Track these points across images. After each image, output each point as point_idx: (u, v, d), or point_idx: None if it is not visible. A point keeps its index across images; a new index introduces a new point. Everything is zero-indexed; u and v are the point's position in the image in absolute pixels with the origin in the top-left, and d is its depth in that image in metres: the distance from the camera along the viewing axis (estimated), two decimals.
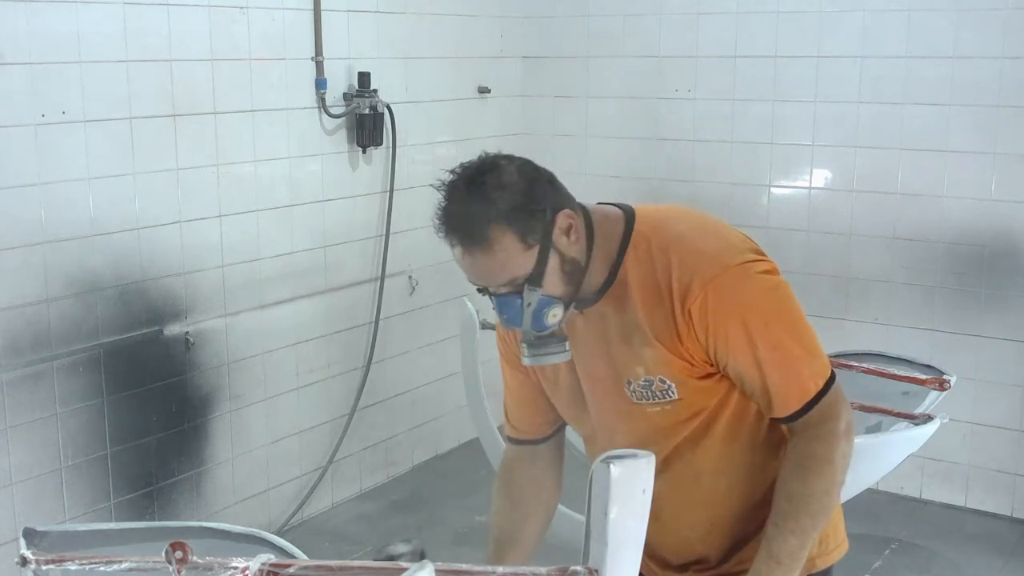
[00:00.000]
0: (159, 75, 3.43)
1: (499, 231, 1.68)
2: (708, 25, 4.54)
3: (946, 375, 3.08)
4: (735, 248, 1.78)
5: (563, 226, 1.73)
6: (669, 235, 1.78)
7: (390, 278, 4.34)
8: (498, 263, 1.70)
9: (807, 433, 1.77)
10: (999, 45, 3.97)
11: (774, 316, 1.77)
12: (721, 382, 1.80)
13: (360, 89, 4.07)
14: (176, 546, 1.48)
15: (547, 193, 1.73)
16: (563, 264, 1.73)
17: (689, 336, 1.74)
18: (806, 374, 1.77)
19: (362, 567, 1.55)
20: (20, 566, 1.69)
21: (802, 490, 1.74)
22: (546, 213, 1.71)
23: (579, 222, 1.77)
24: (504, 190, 1.69)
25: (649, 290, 1.76)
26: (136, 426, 3.48)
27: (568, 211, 1.74)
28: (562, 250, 1.73)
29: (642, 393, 1.82)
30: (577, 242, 1.75)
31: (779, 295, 1.79)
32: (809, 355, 1.78)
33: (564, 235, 1.73)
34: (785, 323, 1.78)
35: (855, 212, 4.33)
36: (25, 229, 3.12)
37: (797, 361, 1.77)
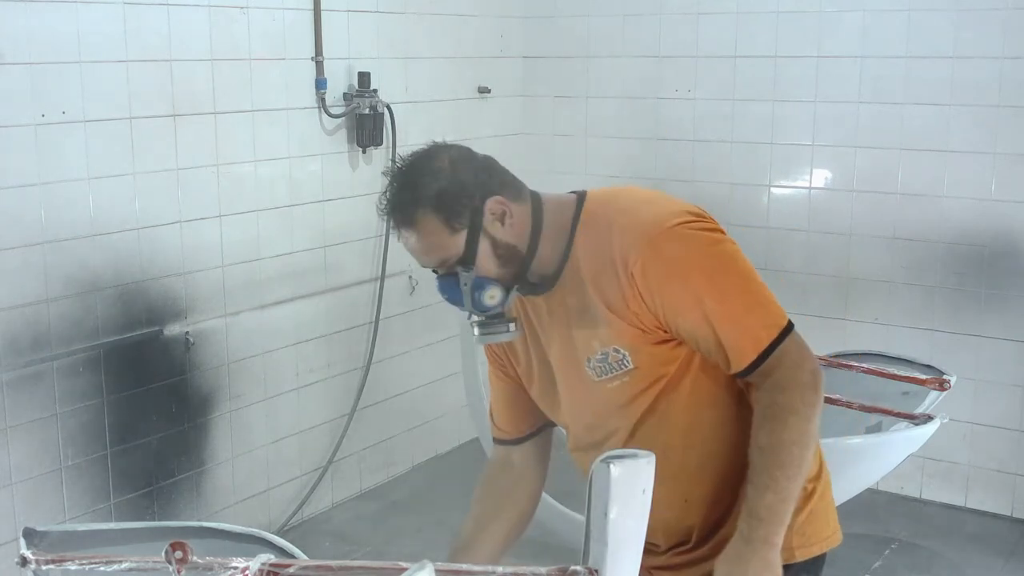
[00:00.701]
0: (159, 75, 3.43)
1: (423, 215, 1.79)
2: (708, 25, 4.54)
3: (946, 375, 3.08)
4: (674, 211, 1.80)
5: (494, 211, 1.81)
6: (613, 208, 1.84)
7: (390, 278, 4.34)
8: (427, 245, 1.82)
9: (767, 383, 1.76)
10: (999, 45, 3.97)
11: (717, 270, 1.79)
12: (677, 348, 1.81)
13: (360, 89, 4.07)
14: (176, 546, 1.49)
15: (477, 180, 1.81)
16: (495, 248, 1.82)
17: (635, 299, 1.77)
18: (758, 324, 1.77)
19: (362, 567, 1.55)
20: (20, 566, 1.69)
21: (769, 442, 1.74)
22: (474, 198, 1.79)
23: (517, 208, 1.83)
24: (432, 176, 1.80)
25: (598, 263, 1.81)
26: (136, 426, 3.48)
27: (499, 198, 1.81)
28: (494, 235, 1.81)
29: (600, 368, 1.85)
30: (514, 228, 1.83)
31: (720, 249, 1.81)
32: (759, 304, 1.80)
33: (497, 220, 1.81)
34: (730, 275, 1.80)
35: (855, 212, 4.33)
36: (25, 229, 3.12)
37: (747, 311, 1.78)
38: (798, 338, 1.80)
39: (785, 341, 1.77)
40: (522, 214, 1.85)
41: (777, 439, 1.74)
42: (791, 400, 1.75)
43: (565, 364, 1.91)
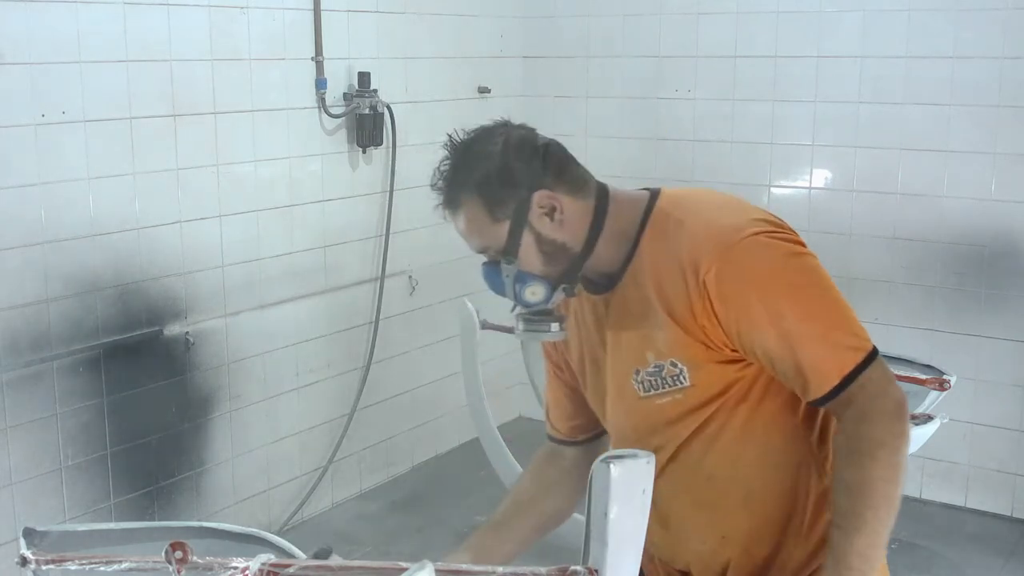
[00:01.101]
0: (159, 75, 3.43)
1: (468, 198, 1.70)
2: (708, 25, 4.54)
3: (946, 375, 3.08)
4: (753, 218, 1.66)
5: (542, 205, 1.68)
6: (686, 209, 1.70)
7: (390, 278, 4.34)
8: (468, 229, 1.72)
9: (853, 414, 1.60)
10: (999, 45, 3.97)
11: (800, 284, 1.63)
12: (743, 370, 1.66)
13: (360, 89, 4.07)
14: (176, 546, 1.48)
15: (530, 168, 1.69)
16: (540, 244, 1.69)
17: (704, 312, 1.62)
18: (842, 345, 1.60)
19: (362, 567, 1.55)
20: (20, 566, 1.69)
21: (858, 479, 1.60)
22: (521, 190, 1.68)
23: (572, 204, 1.70)
24: (482, 159, 1.70)
25: (663, 265, 1.67)
26: (136, 426, 3.48)
27: (549, 192, 1.69)
28: (539, 230, 1.69)
29: (650, 383, 1.72)
30: (566, 224, 1.70)
31: (803, 262, 1.65)
32: (843, 324, 1.62)
33: (545, 216, 1.69)
34: (813, 291, 1.64)
35: (855, 212, 4.33)
36: (25, 229, 3.12)
37: (830, 331, 1.61)
38: (883, 364, 1.63)
39: (871, 367, 1.60)
40: (579, 211, 1.71)
41: (867, 476, 1.60)
42: (879, 432, 1.59)
43: (616, 372, 1.79)
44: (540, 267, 1.71)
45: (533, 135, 1.76)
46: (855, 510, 1.60)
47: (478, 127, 1.78)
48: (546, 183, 1.70)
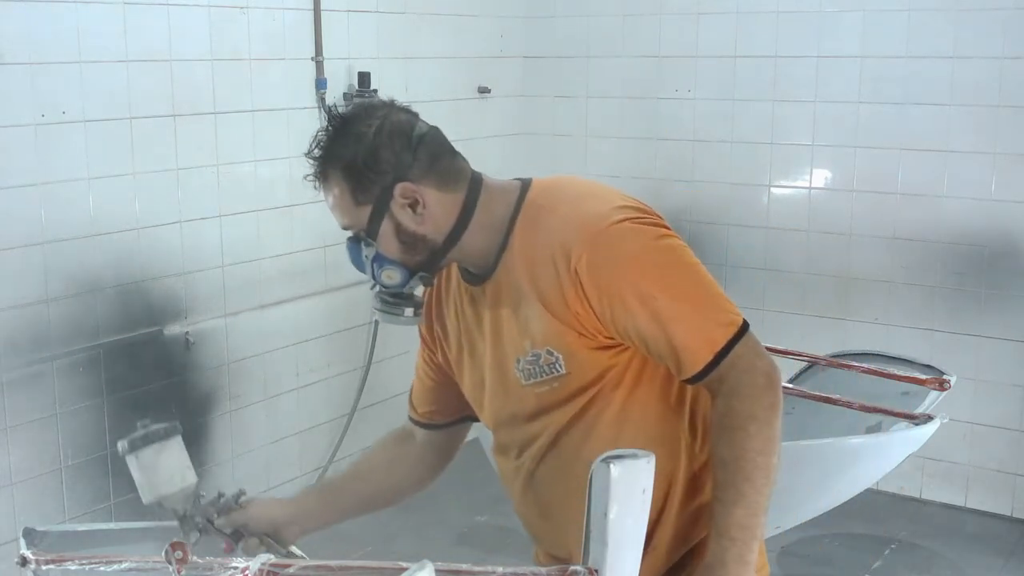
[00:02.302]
0: (159, 75, 3.43)
1: (334, 176, 1.71)
2: (708, 25, 4.54)
3: (946, 375, 3.08)
4: (619, 205, 1.70)
5: (405, 197, 1.69)
6: (555, 199, 1.74)
7: None
8: (333, 205, 1.74)
9: (724, 389, 1.64)
10: (999, 45, 3.97)
11: (667, 266, 1.68)
12: (617, 356, 1.70)
13: (360, 89, 4.07)
14: (176, 546, 1.49)
15: (397, 160, 1.68)
16: (399, 233, 1.71)
17: (577, 299, 1.65)
18: (711, 323, 1.65)
19: (362, 567, 1.55)
20: (20, 566, 1.69)
21: (731, 453, 1.63)
22: (385, 178, 1.68)
23: (438, 197, 1.71)
24: (354, 140, 1.69)
25: (535, 255, 1.70)
26: (136, 426, 3.47)
27: (412, 185, 1.68)
28: (399, 220, 1.70)
29: (530, 371, 1.74)
30: (428, 218, 1.71)
31: (668, 244, 1.70)
32: (711, 302, 1.68)
33: (406, 207, 1.69)
34: (680, 272, 1.69)
35: (855, 212, 4.33)
36: (25, 229, 3.12)
37: (699, 309, 1.66)
38: (752, 338, 1.67)
39: (741, 341, 1.65)
40: (445, 204, 1.72)
41: (740, 449, 1.62)
42: (750, 406, 1.63)
43: (494, 362, 1.81)
44: (398, 254, 1.73)
45: (412, 122, 1.74)
46: (732, 483, 1.63)
47: (360, 103, 1.79)
48: (412, 175, 1.69)
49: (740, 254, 4.57)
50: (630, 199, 1.75)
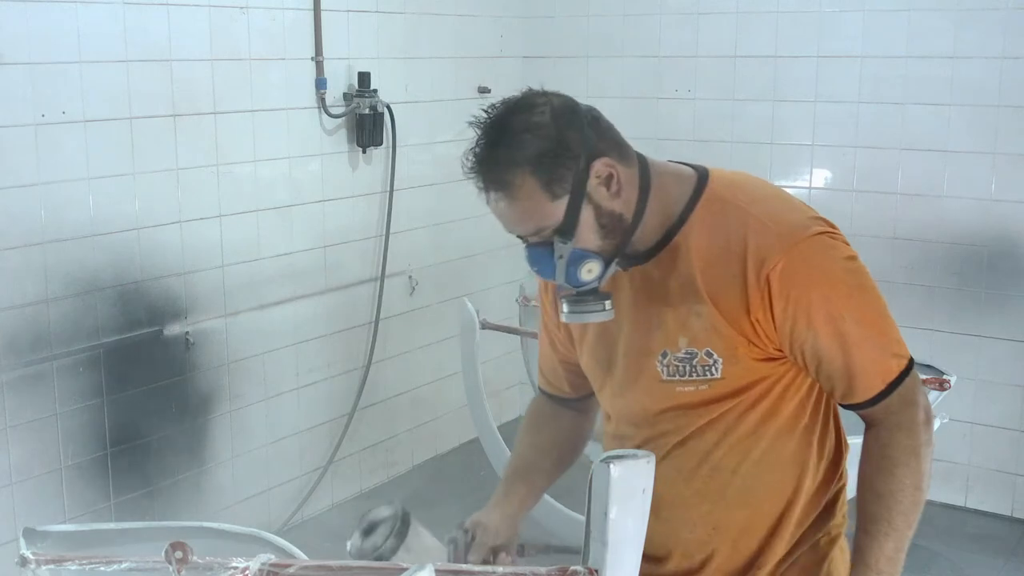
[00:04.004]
0: (159, 75, 3.43)
1: (522, 178, 1.57)
2: (708, 25, 4.54)
3: (946, 375, 3.08)
4: (813, 216, 1.65)
5: (600, 175, 1.60)
6: (748, 197, 1.65)
7: (390, 278, 4.34)
8: (521, 211, 1.59)
9: (888, 422, 1.63)
10: (999, 45, 3.97)
11: (858, 288, 1.63)
12: (775, 369, 1.65)
13: (360, 89, 4.07)
14: (176, 546, 1.49)
15: (583, 138, 1.60)
16: (599, 217, 1.60)
17: (762, 306, 1.58)
18: (890, 352, 1.63)
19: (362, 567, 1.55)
20: (20, 566, 1.69)
21: (890, 487, 1.63)
22: (579, 161, 1.58)
23: (625, 172, 1.63)
24: (532, 133, 1.58)
25: (716, 252, 1.62)
26: (136, 426, 3.48)
27: (607, 160, 1.61)
28: (598, 202, 1.60)
29: (677, 368, 1.66)
30: (619, 194, 1.62)
31: (859, 266, 1.65)
32: (891, 333, 1.65)
33: (602, 186, 1.60)
34: (868, 297, 1.64)
35: (855, 212, 4.33)
36: (25, 229, 3.12)
37: (881, 337, 1.63)
38: (917, 374, 1.66)
39: (910, 375, 1.64)
40: (630, 178, 1.64)
41: (899, 484, 1.62)
42: (912, 442, 1.63)
43: (630, 350, 1.72)
44: (597, 242, 1.62)
45: (574, 101, 1.67)
46: (887, 517, 1.63)
47: (509, 99, 1.65)
48: (601, 150, 1.62)
49: None
50: (814, 210, 1.70)
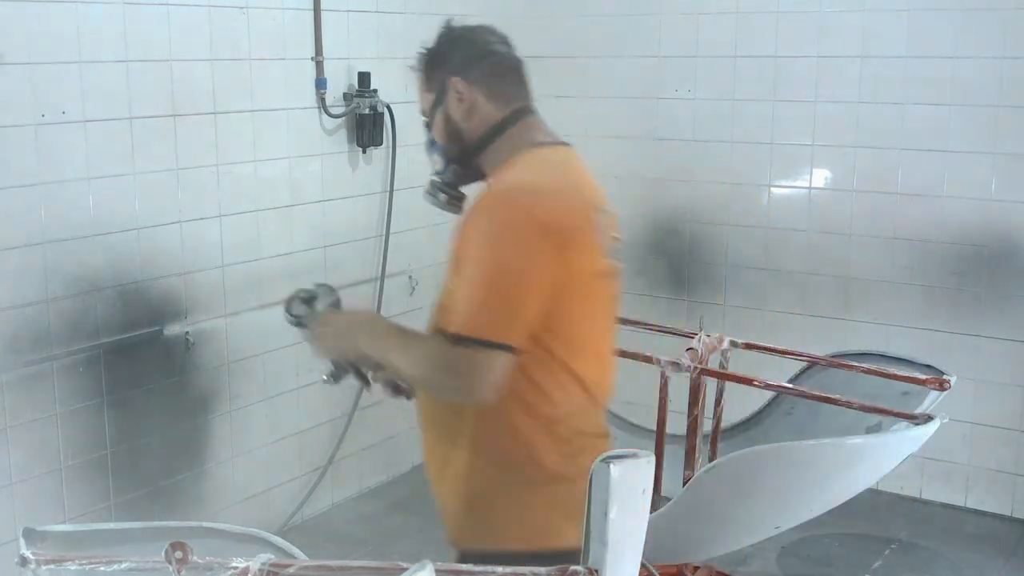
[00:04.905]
0: (159, 75, 3.43)
1: (420, 68, 2.15)
2: (708, 25, 4.54)
3: (946, 375, 3.08)
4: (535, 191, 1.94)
5: (455, 89, 2.06)
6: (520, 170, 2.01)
7: (390, 278, 4.34)
8: (418, 93, 2.16)
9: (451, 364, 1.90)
10: (999, 45, 3.98)
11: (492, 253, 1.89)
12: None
13: (360, 89, 4.07)
14: (176, 546, 1.49)
15: (462, 61, 2.08)
16: (447, 123, 2.08)
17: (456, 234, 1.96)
18: (463, 314, 1.88)
19: (362, 567, 1.55)
20: (20, 566, 1.69)
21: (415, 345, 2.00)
22: (446, 72, 2.07)
23: (484, 104, 2.06)
24: (439, 43, 2.14)
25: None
26: (136, 426, 3.48)
27: (462, 81, 2.05)
28: (449, 111, 2.07)
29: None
30: (470, 117, 2.06)
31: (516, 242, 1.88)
32: (483, 301, 1.88)
33: (456, 100, 2.06)
34: (497, 265, 1.88)
35: (855, 212, 4.33)
36: (25, 229, 3.12)
37: (469, 295, 1.89)
38: (497, 363, 1.85)
39: (471, 349, 1.85)
40: (487, 113, 2.07)
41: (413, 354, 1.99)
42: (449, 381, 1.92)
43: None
44: (444, 139, 2.11)
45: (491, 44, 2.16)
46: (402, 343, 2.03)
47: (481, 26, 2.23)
48: (472, 77, 2.07)
49: (740, 254, 4.57)
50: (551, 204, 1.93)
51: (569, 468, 1.99)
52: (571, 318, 1.97)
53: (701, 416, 3.13)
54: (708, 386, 3.14)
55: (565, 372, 1.99)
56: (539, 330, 1.92)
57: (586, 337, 2.03)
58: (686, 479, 3.03)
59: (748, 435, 3.54)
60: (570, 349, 1.99)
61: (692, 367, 3.06)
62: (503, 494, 2.02)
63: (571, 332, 1.98)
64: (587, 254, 1.97)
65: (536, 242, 1.87)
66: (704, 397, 3.11)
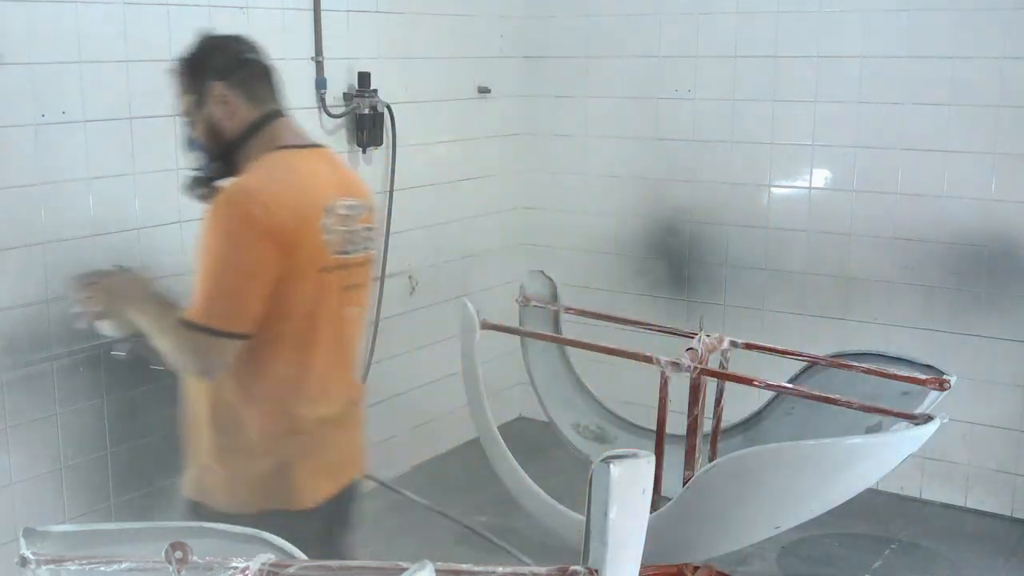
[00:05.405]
0: (159, 75, 3.42)
1: (180, 72, 2.34)
2: (708, 25, 4.54)
3: (946, 375, 3.07)
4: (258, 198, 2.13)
5: (215, 93, 2.26)
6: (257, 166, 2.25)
7: (390, 278, 4.34)
8: (177, 95, 2.34)
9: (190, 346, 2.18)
10: (999, 45, 3.98)
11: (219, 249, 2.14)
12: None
13: (360, 89, 4.07)
14: (176, 546, 1.49)
15: (224, 66, 2.28)
16: (208, 123, 2.29)
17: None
18: (196, 303, 2.15)
19: (362, 567, 1.55)
20: (20, 566, 1.69)
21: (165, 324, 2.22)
22: (208, 77, 2.27)
23: (244, 107, 2.27)
24: (197, 50, 2.33)
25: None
26: (136, 426, 3.47)
27: (223, 84, 2.26)
28: (210, 112, 2.28)
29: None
30: (231, 118, 2.27)
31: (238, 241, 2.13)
32: (212, 293, 2.14)
33: (217, 104, 2.27)
34: (222, 260, 2.14)
35: (855, 212, 4.33)
36: (25, 229, 3.12)
37: (201, 286, 2.15)
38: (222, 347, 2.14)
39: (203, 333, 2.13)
40: (245, 114, 2.28)
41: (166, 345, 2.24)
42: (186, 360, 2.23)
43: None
44: (205, 140, 2.31)
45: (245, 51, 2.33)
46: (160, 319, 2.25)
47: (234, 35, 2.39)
48: (232, 82, 2.27)
49: (740, 254, 4.57)
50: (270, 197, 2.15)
51: (288, 444, 2.28)
52: (296, 306, 2.20)
53: (701, 416, 3.13)
54: (708, 386, 3.13)
55: (295, 354, 2.24)
56: (268, 317, 2.16)
57: (311, 322, 2.25)
58: (686, 479, 3.03)
59: (748, 435, 3.54)
60: (299, 334, 2.23)
61: (692, 367, 3.06)
62: (227, 460, 2.32)
63: (295, 318, 2.21)
64: (310, 250, 2.20)
65: (256, 239, 2.11)
66: (704, 397, 3.11)
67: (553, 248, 5.01)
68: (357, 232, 2.32)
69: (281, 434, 2.28)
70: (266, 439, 2.28)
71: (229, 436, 2.31)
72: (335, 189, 2.30)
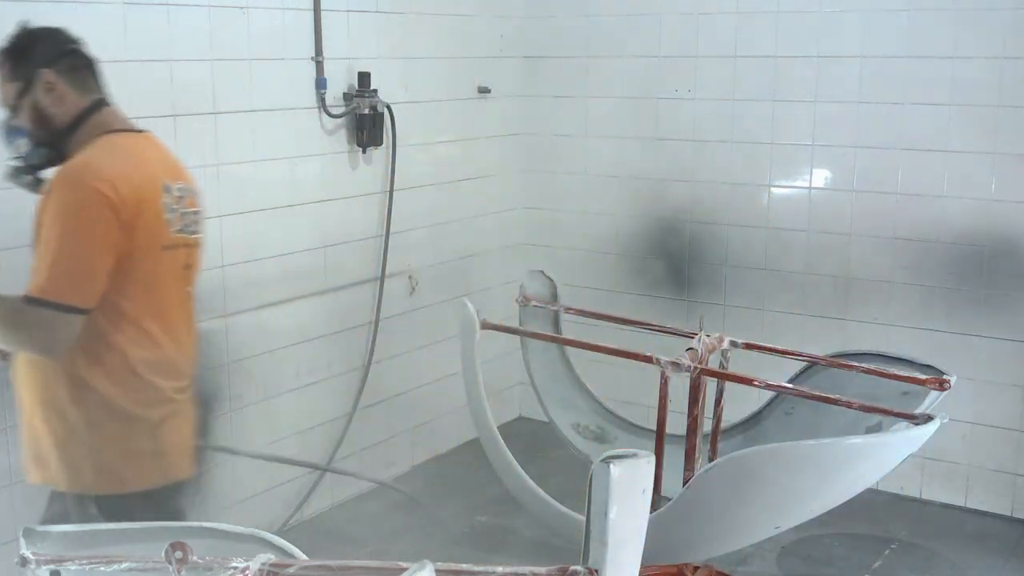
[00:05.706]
0: (159, 75, 3.43)
1: (3, 61, 2.37)
2: (708, 25, 4.54)
3: (946, 375, 3.08)
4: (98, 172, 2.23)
5: (43, 81, 2.33)
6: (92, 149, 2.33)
7: (390, 278, 4.34)
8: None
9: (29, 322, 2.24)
10: (999, 45, 3.97)
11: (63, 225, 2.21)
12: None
13: (360, 89, 4.07)
14: (176, 546, 1.49)
15: (50, 55, 2.35)
16: (35, 110, 2.35)
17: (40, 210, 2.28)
18: (37, 279, 2.22)
19: (362, 567, 1.55)
20: (20, 566, 1.69)
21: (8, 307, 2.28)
22: (33, 65, 2.33)
23: (72, 95, 2.36)
24: (20, 39, 2.37)
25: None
26: None
27: (51, 72, 2.33)
28: (38, 98, 2.34)
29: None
30: (57, 103, 2.35)
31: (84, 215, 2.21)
32: (57, 267, 2.21)
33: (46, 91, 2.34)
34: (66, 236, 2.21)
35: (855, 212, 4.33)
36: (25, 229, 3.11)
37: (43, 262, 2.22)
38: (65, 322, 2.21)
39: (43, 309, 2.20)
40: (74, 102, 2.36)
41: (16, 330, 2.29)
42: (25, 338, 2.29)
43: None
44: (32, 127, 2.36)
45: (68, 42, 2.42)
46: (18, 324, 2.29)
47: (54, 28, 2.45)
48: (58, 69, 2.35)
49: (740, 254, 4.57)
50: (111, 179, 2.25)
51: (137, 414, 2.34)
52: (140, 282, 2.30)
53: (701, 416, 3.13)
54: (708, 386, 3.14)
55: (135, 329, 2.32)
56: (110, 292, 2.25)
57: (155, 299, 2.36)
58: (686, 479, 3.03)
59: (748, 435, 3.54)
60: (140, 308, 2.32)
61: (692, 367, 3.06)
62: (77, 440, 2.33)
63: (140, 294, 2.31)
64: (152, 227, 2.31)
65: (98, 216, 2.20)
66: (704, 397, 3.11)
67: (553, 248, 5.01)
68: (189, 214, 2.45)
69: (143, 404, 2.35)
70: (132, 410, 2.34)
71: (81, 415, 2.33)
72: (166, 171, 2.42)
